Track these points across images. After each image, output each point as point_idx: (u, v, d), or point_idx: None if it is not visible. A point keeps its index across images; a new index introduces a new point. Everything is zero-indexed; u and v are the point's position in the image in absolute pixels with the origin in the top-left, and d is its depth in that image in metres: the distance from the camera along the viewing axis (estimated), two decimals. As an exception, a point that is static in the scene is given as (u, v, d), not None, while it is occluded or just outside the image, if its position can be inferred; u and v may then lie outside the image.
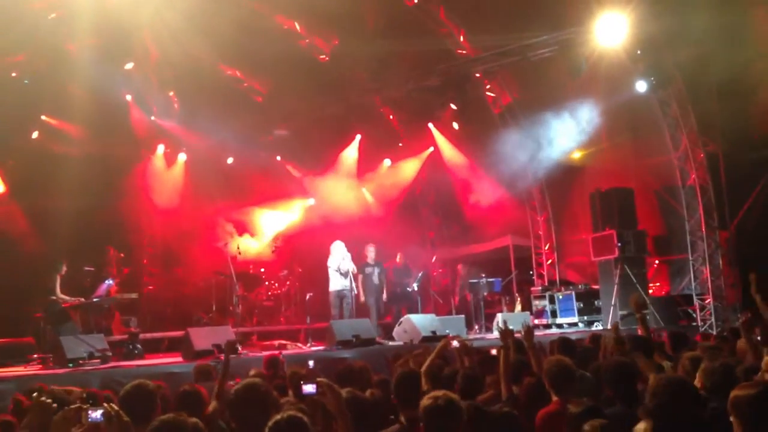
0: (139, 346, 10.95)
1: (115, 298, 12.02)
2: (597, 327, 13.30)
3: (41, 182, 13.29)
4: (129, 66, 13.55)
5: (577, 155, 15.52)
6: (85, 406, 3.35)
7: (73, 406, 3.41)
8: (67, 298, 10.97)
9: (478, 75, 15.12)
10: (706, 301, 13.41)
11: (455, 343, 6.65)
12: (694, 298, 13.60)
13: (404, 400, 4.24)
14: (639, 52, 12.64)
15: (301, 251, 16.01)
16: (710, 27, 11.49)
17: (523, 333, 5.89)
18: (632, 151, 14.93)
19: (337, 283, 12.73)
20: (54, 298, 10.82)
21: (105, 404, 3.30)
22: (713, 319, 13.19)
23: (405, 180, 17.71)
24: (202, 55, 13.38)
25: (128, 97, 14.56)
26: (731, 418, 3.18)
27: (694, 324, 13.32)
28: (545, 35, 12.93)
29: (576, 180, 15.69)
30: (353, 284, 12.83)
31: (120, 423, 3.18)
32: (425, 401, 3.63)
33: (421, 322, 11.89)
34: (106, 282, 11.89)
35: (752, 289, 5.95)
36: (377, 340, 11.86)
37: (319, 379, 3.70)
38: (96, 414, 3.21)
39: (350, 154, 17.22)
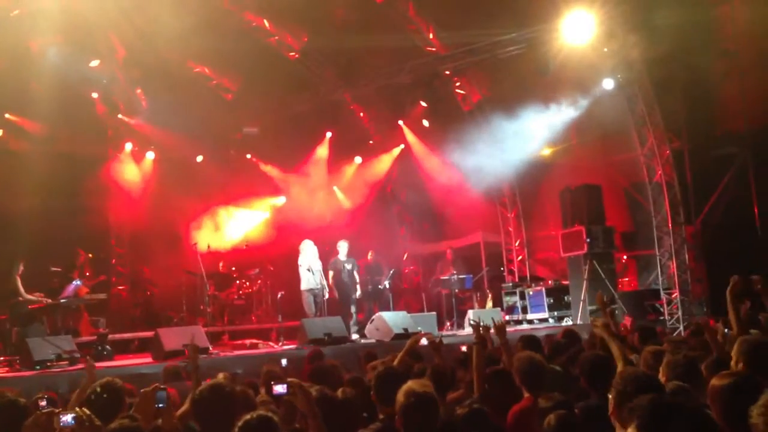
0: (108, 347, 10.83)
1: (83, 298, 11.85)
2: (567, 322, 13.45)
3: (4, 181, 13.04)
4: (94, 63, 13.36)
5: (546, 152, 15.68)
6: (56, 411, 3.31)
7: (44, 411, 3.37)
8: (33, 298, 10.80)
9: (447, 72, 15.17)
10: (673, 296, 13.63)
11: (424, 341, 6.69)
12: (662, 292, 13.82)
13: (383, 398, 4.25)
14: (606, 49, 12.80)
15: (272, 250, 15.93)
16: (675, 24, 11.66)
17: (495, 329, 5.93)
18: (600, 148, 15.15)
19: (308, 282, 12.69)
20: (21, 299, 10.64)
21: (77, 408, 3.26)
22: (680, 313, 13.42)
23: (376, 177, 17.72)
24: (169, 52, 13.26)
25: (94, 95, 14.36)
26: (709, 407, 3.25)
27: (662, 318, 13.54)
28: (514, 33, 13.02)
29: (545, 177, 15.84)
30: (324, 282, 12.80)
31: (92, 427, 3.15)
32: (400, 397, 3.64)
33: (393, 319, 11.93)
34: (74, 283, 11.71)
35: (728, 289, 5.99)
36: (349, 337, 11.89)
37: (289, 380, 3.70)
38: (67, 418, 3.18)
39: (321, 151, 17.18)
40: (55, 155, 13.19)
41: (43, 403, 4.66)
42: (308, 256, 12.77)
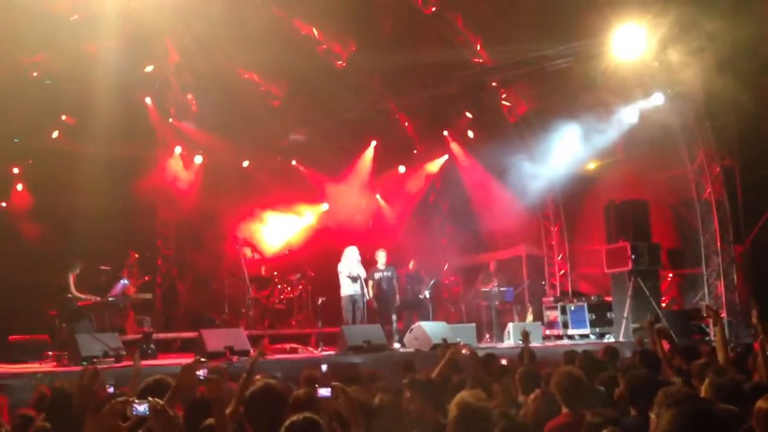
0: (152, 345, 11.04)
1: (130, 297, 12.12)
2: (609, 339, 13.26)
3: (59, 181, 13.44)
4: (149, 69, 13.69)
5: (591, 166, 15.50)
6: (131, 399, 3.42)
7: (119, 399, 3.49)
8: (83, 296, 11.09)
9: (494, 84, 15.15)
10: (720, 316, 13.31)
11: (465, 351, 6.69)
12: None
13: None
14: (657, 64, 12.63)
15: (314, 256, 16.06)
16: (728, 39, 11.45)
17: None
18: (648, 164, 14.88)
19: (348, 288, 12.74)
20: (69, 296, 10.94)
21: (150, 398, 3.36)
22: (727, 334, 13.08)
23: (419, 187, 17.75)
24: (221, 58, 13.52)
25: (147, 99, 14.71)
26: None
27: (707, 339, 13.23)
28: (562, 46, 12.95)
29: (590, 191, 15.64)
30: (365, 290, 12.84)
31: (167, 417, 3.22)
32: (453, 408, 3.64)
33: (432, 329, 11.91)
34: (122, 282, 12.00)
35: (753, 320, 5.90)
36: (388, 346, 11.91)
37: (333, 383, 3.74)
38: (142, 408, 3.27)
39: (365, 160, 17.28)
40: (107, 157, 13.51)
41: (110, 389, 4.81)
42: (350, 262, 12.82)
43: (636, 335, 9.29)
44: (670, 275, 15.10)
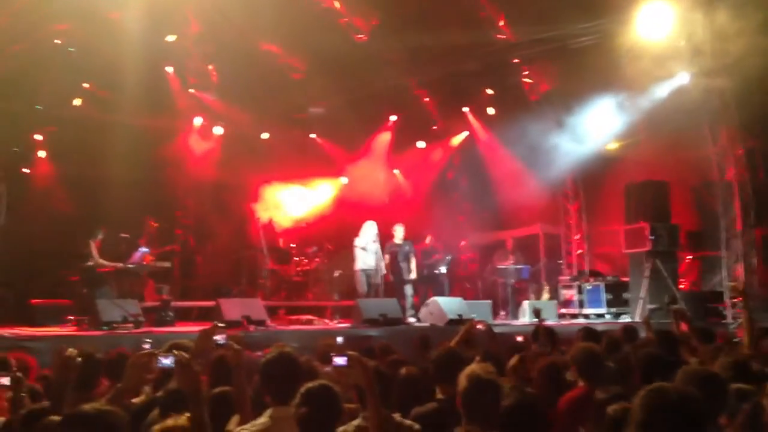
0: (170, 313, 11.19)
1: (149, 265, 12.26)
2: (625, 319, 13.24)
3: (82, 149, 13.56)
4: (171, 38, 13.68)
5: (612, 146, 15.37)
6: (156, 352, 3.50)
7: (144, 352, 3.56)
8: (106, 263, 11.25)
9: (516, 61, 15.00)
10: (738, 299, 13.22)
11: (480, 327, 6.75)
12: (725, 295, 13.44)
13: (443, 377, 4.31)
14: (683, 43, 12.44)
15: (332, 229, 16.12)
16: (755, 19, 11.26)
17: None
18: (669, 145, 14.70)
19: (362, 262, 12.81)
20: (91, 263, 11.10)
21: (175, 351, 3.43)
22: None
23: (437, 163, 17.72)
24: (242, 30, 13.47)
25: (168, 69, 14.72)
26: None
27: (724, 321, 13.18)
28: (587, 23, 12.77)
29: (610, 171, 15.53)
30: (380, 264, 12.88)
31: (191, 371, 3.29)
32: (463, 380, 3.68)
33: (447, 304, 11.97)
34: (141, 249, 12.13)
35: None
36: (404, 320, 11.98)
37: (349, 353, 3.78)
38: (167, 360, 3.33)
39: (384, 134, 17.26)
40: (128, 126, 13.61)
41: (147, 345, 4.92)
42: (367, 236, 12.87)
43: (653, 316, 9.26)
44: (689, 257, 15.02)
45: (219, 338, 4.36)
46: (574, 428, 4.19)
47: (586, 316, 13.94)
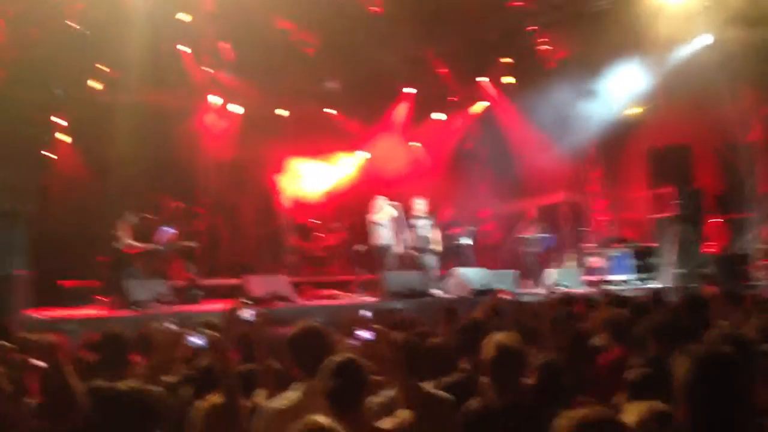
0: (197, 291, 11.31)
1: (176, 245, 12.37)
2: (652, 285, 13.15)
3: (100, 131, 13.62)
4: (185, 17, 13.63)
5: (633, 111, 15.16)
6: (184, 331, 3.54)
7: (171, 330, 3.61)
8: (135, 243, 11.37)
9: (533, 28, 14.79)
10: (765, 261, 13.08)
11: (506, 297, 6.76)
12: (750, 257, 13.27)
13: (466, 348, 4.33)
14: (706, 3, 12.18)
15: (353, 204, 16.13)
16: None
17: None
18: (691, 108, 14.47)
19: (380, 237, 12.84)
20: (119, 244, 11.23)
21: (207, 331, 3.47)
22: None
23: (457, 134, 17.60)
24: (256, 6, 13.39)
25: (181, 47, 14.66)
26: None
27: (753, 284, 13.03)
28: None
29: (632, 136, 15.37)
30: (402, 236, 12.89)
31: (224, 350, 3.32)
32: (489, 349, 3.69)
33: (472, 275, 11.98)
34: (166, 229, 12.23)
35: None
36: (429, 292, 12.00)
37: (374, 326, 3.80)
38: (198, 339, 3.36)
39: (401, 107, 17.16)
40: (143, 106, 13.63)
41: (173, 326, 4.98)
42: (383, 212, 12.89)
43: (681, 281, 9.21)
44: (715, 220, 14.82)
45: (248, 315, 4.40)
46: (609, 392, 4.21)
47: (613, 283, 13.84)
